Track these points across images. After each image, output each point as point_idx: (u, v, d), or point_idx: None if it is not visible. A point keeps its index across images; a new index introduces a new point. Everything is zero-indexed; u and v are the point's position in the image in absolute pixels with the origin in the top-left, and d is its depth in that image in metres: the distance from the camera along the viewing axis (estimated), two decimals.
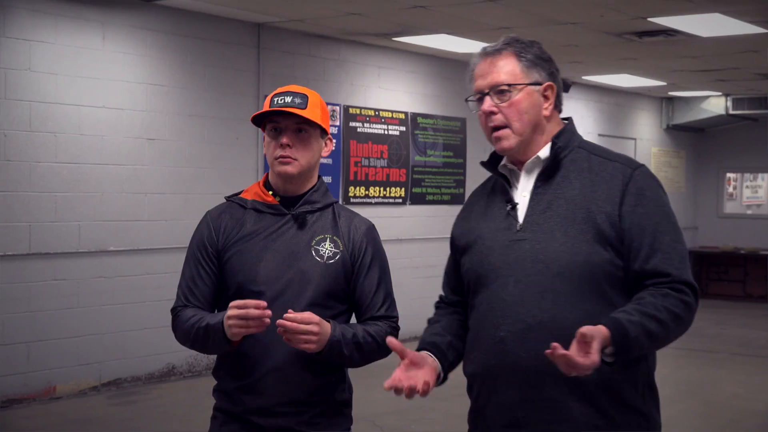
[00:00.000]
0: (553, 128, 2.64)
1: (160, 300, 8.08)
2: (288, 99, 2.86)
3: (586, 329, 2.20)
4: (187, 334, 2.88)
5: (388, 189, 10.48)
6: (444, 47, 10.27)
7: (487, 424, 2.58)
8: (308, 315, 2.68)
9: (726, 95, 14.63)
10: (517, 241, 2.52)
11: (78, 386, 7.76)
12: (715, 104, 14.94)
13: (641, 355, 2.46)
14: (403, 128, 10.69)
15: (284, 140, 2.86)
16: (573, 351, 2.22)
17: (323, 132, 2.94)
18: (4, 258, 7.28)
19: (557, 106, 2.66)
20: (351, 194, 9.99)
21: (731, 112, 14.74)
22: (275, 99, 2.87)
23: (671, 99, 15.42)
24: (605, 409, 2.47)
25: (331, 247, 2.90)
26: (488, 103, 2.59)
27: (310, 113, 2.86)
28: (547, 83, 2.61)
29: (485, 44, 2.73)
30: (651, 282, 2.44)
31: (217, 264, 2.92)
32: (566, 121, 2.70)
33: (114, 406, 7.52)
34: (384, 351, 2.89)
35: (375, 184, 10.35)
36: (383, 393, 2.70)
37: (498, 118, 2.58)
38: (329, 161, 9.76)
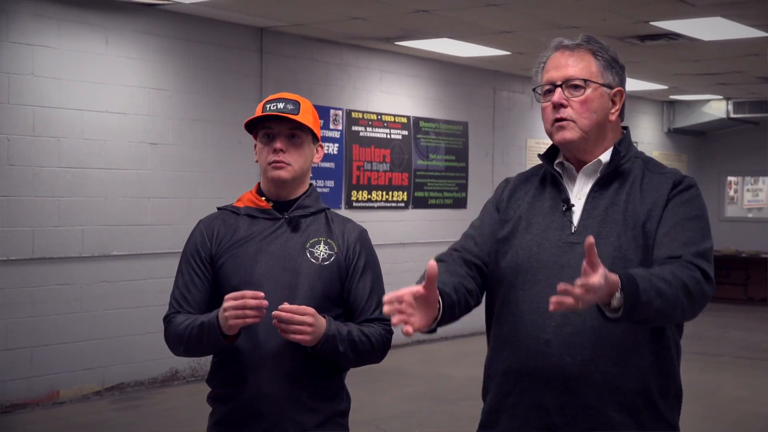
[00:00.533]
0: (614, 135, 2.62)
1: (163, 304, 7.98)
2: (280, 105, 2.89)
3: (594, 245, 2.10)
4: (180, 336, 2.86)
5: (390, 193, 10.48)
6: (446, 51, 10.28)
7: (517, 424, 2.54)
8: (303, 307, 2.69)
9: (727, 99, 14.65)
10: (572, 244, 2.49)
11: (81, 391, 7.76)
12: (716, 108, 14.95)
13: (657, 327, 2.38)
14: (405, 132, 10.70)
15: (278, 145, 2.89)
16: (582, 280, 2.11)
17: (314, 138, 2.98)
18: (8, 263, 7.28)
19: (621, 114, 2.64)
20: (353, 198, 9.98)
21: (732, 115, 14.75)
22: (267, 105, 2.91)
23: (672, 103, 15.43)
24: (643, 421, 2.47)
25: (326, 250, 2.90)
26: (559, 95, 2.54)
27: (303, 119, 2.89)
28: (618, 88, 2.60)
29: (487, 48, 2.73)
30: (662, 263, 2.41)
31: (210, 270, 2.92)
32: (624, 130, 2.68)
33: (117, 411, 7.52)
34: (379, 353, 2.90)
35: (377, 188, 10.35)
36: (387, 397, 2.69)
37: (567, 112, 2.53)
38: (332, 165, 9.76)
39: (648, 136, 15.25)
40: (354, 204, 9.93)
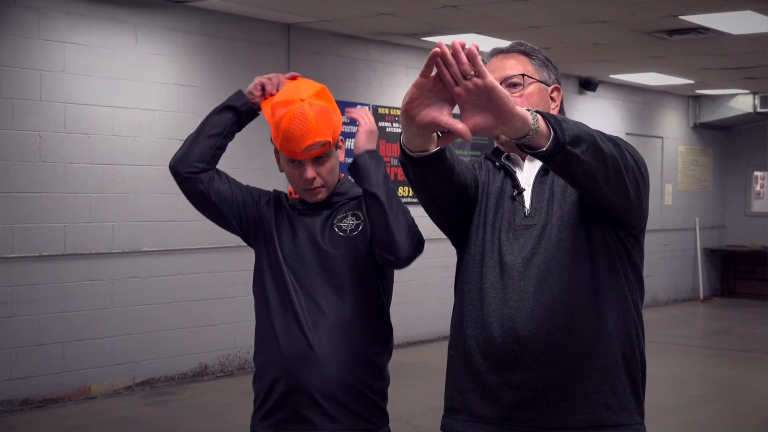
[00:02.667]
0: None
1: (193, 300, 8.12)
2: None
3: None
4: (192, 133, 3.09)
5: None
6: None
7: (488, 404, 2.53)
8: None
9: (754, 93, 14.56)
10: (527, 226, 2.55)
11: (112, 386, 7.81)
12: (743, 102, 14.86)
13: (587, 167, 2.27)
14: None
15: (308, 175, 2.92)
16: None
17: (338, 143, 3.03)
18: (40, 258, 7.34)
19: (561, 110, 2.72)
20: None
21: (759, 110, 14.65)
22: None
23: (698, 97, 15.35)
24: (616, 386, 2.48)
25: (353, 220, 2.97)
26: None
27: (320, 136, 2.87)
28: (554, 85, 2.70)
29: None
30: None
31: (244, 205, 3.05)
32: None
33: (148, 406, 7.56)
34: (406, 224, 2.83)
35: (403, 183, 10.34)
36: (417, 393, 2.69)
37: None
38: None
39: (673, 131, 15.17)
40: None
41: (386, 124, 10.16)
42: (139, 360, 7.98)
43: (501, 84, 2.56)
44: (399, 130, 9.27)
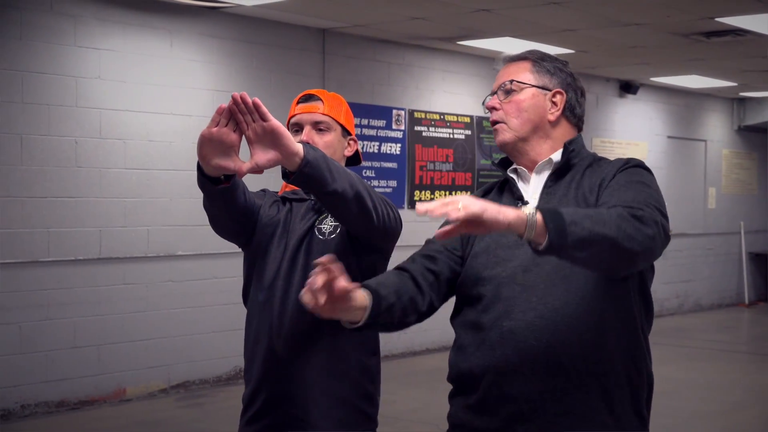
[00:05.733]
0: (560, 135, 2.65)
1: (227, 303, 8.18)
2: (306, 100, 3.02)
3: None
4: None
5: (453, 193, 10.47)
6: (508, 50, 10.19)
7: (486, 418, 2.50)
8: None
9: None
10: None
11: (147, 388, 7.89)
12: None
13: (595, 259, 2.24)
14: (468, 132, 10.68)
15: (304, 136, 2.95)
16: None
17: (346, 132, 3.04)
18: (76, 262, 7.44)
19: (572, 119, 2.66)
20: (416, 198, 10.00)
21: None
22: (299, 103, 3.03)
23: (742, 100, 15.15)
24: (613, 405, 2.43)
25: (331, 222, 2.94)
26: (492, 100, 2.67)
27: (326, 110, 2.98)
28: (556, 89, 2.66)
29: (550, 47, 2.78)
30: None
31: (253, 209, 2.98)
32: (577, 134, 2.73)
33: (182, 409, 7.63)
34: (373, 198, 2.73)
35: (441, 188, 10.35)
36: (446, 398, 2.66)
37: (498, 114, 2.64)
38: (394, 165, 9.79)
39: (717, 134, 14.99)
40: (417, 204, 9.92)
41: (422, 128, 10.16)
42: (174, 363, 8.06)
43: (497, 91, 2.66)
44: (436, 135, 9.42)
